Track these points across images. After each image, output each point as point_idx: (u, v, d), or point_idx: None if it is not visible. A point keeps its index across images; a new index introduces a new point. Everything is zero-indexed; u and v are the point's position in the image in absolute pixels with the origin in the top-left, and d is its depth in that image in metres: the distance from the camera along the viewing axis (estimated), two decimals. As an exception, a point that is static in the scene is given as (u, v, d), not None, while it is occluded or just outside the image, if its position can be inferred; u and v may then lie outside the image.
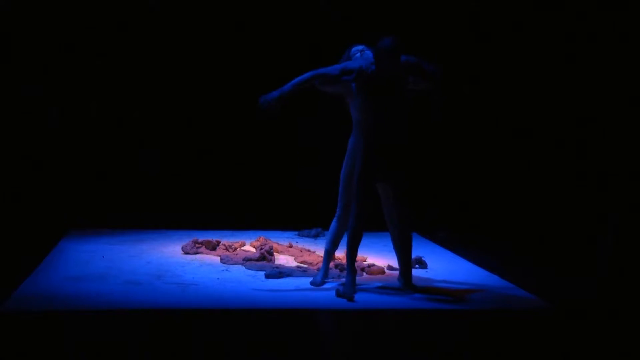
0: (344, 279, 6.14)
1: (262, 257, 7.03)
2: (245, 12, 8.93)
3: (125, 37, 8.80)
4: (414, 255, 6.46)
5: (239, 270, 6.77)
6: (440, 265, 7.13)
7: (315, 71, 6.01)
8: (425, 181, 8.80)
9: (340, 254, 6.56)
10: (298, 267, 6.91)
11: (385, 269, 6.85)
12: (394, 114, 5.98)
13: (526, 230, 8.59)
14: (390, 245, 6.35)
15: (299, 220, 8.70)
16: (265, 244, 7.41)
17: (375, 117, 5.97)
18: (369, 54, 6.16)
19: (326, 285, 6.25)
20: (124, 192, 8.83)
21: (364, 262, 7.01)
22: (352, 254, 6.01)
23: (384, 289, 6.26)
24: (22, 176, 8.59)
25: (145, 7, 8.75)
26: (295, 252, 7.44)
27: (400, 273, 6.29)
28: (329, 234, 6.39)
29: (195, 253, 7.37)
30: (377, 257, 7.26)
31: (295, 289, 6.15)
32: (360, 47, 6.24)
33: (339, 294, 5.90)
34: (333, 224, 6.35)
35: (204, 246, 7.46)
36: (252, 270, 6.76)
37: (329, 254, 6.39)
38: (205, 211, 8.81)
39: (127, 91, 8.90)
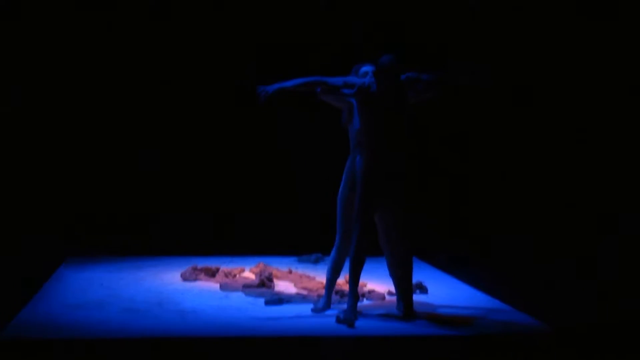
0: (344, 305, 6.10)
1: (261, 284, 7.00)
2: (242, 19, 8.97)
3: (124, 51, 8.85)
4: (414, 280, 6.43)
5: (238, 297, 6.73)
6: (441, 290, 7.10)
7: (319, 77, 6.01)
8: (425, 204, 8.77)
9: (340, 280, 6.53)
10: (298, 293, 6.87)
11: (385, 295, 6.81)
12: (394, 134, 5.97)
13: (527, 253, 8.56)
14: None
15: (299, 245, 8.67)
16: (264, 270, 7.39)
17: (375, 138, 5.96)
18: None
19: (327, 312, 6.22)
20: (122, 219, 8.80)
21: (365, 288, 6.97)
22: (354, 280, 5.98)
23: (385, 315, 6.23)
24: (21, 204, 8.57)
25: (140, 16, 8.75)
26: (295, 278, 7.41)
27: (398, 299, 6.26)
28: (329, 263, 6.35)
29: (195, 280, 7.35)
30: (378, 282, 7.22)
31: (296, 316, 6.12)
32: (368, 68, 6.17)
33: (339, 320, 5.86)
34: (333, 253, 6.31)
35: (203, 273, 7.44)
36: (251, 296, 6.73)
37: (331, 283, 6.35)
38: (204, 237, 8.78)
39: (125, 115, 8.90)
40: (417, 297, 6.57)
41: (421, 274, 7.43)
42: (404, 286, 6.13)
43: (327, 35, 8.72)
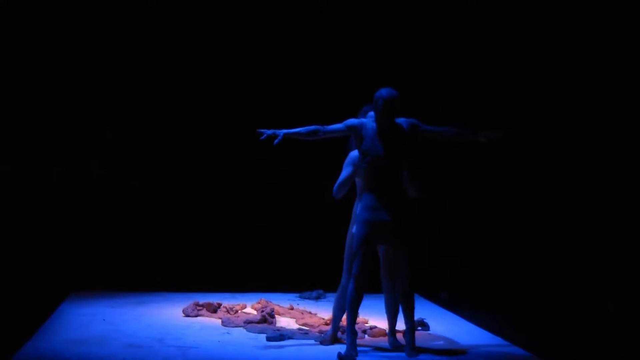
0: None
1: (263, 320, 7.00)
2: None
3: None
4: (416, 317, 6.43)
5: (240, 333, 6.74)
6: (443, 327, 7.09)
7: (320, 126, 6.09)
8: (427, 242, 8.78)
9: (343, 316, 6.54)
10: (299, 329, 6.87)
11: (387, 331, 6.80)
12: (392, 172, 6.00)
13: (529, 290, 8.55)
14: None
15: (300, 282, 8.67)
16: (266, 306, 7.39)
17: (373, 176, 6.00)
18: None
19: (328, 348, 6.22)
20: (124, 254, 8.82)
21: (366, 324, 6.98)
22: (352, 316, 5.98)
23: (386, 350, 6.22)
24: (23, 240, 8.59)
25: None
26: (297, 315, 7.41)
27: (389, 334, 6.35)
28: (335, 302, 6.37)
29: (196, 316, 7.35)
30: (379, 319, 7.22)
31: (297, 352, 6.12)
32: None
33: (340, 357, 5.86)
34: (338, 293, 6.34)
35: (204, 309, 7.44)
36: (253, 332, 6.73)
37: (337, 319, 6.39)
38: (206, 273, 8.79)
39: (127, 151, 8.96)
40: (419, 334, 6.57)
41: (423, 311, 7.42)
42: (406, 321, 6.11)
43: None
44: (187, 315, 7.35)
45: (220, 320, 7.15)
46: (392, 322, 6.41)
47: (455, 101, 8.85)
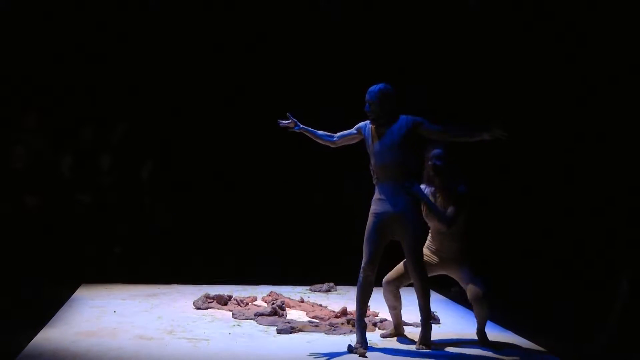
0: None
1: (273, 312, 7.01)
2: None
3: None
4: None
5: (250, 326, 6.74)
6: (453, 321, 7.09)
7: (338, 134, 6.22)
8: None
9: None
10: (310, 322, 6.88)
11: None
12: (391, 166, 5.99)
13: (540, 284, 8.53)
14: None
15: (311, 275, 8.68)
16: (276, 299, 7.40)
17: (376, 170, 6.02)
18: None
19: (338, 341, 6.21)
20: (135, 247, 8.84)
21: (376, 317, 6.97)
22: (360, 308, 5.97)
23: (397, 343, 6.22)
24: (34, 231, 8.62)
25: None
26: (307, 307, 7.41)
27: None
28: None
29: (207, 308, 7.36)
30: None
31: (307, 345, 6.12)
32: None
33: (350, 350, 5.86)
34: (383, 289, 6.38)
35: (215, 301, 7.45)
36: (263, 325, 6.74)
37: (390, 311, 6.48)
38: (216, 266, 8.80)
39: (139, 146, 8.98)
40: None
41: (434, 304, 7.39)
42: (422, 314, 6.10)
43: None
44: (198, 308, 7.36)
45: (230, 313, 7.16)
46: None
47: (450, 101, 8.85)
